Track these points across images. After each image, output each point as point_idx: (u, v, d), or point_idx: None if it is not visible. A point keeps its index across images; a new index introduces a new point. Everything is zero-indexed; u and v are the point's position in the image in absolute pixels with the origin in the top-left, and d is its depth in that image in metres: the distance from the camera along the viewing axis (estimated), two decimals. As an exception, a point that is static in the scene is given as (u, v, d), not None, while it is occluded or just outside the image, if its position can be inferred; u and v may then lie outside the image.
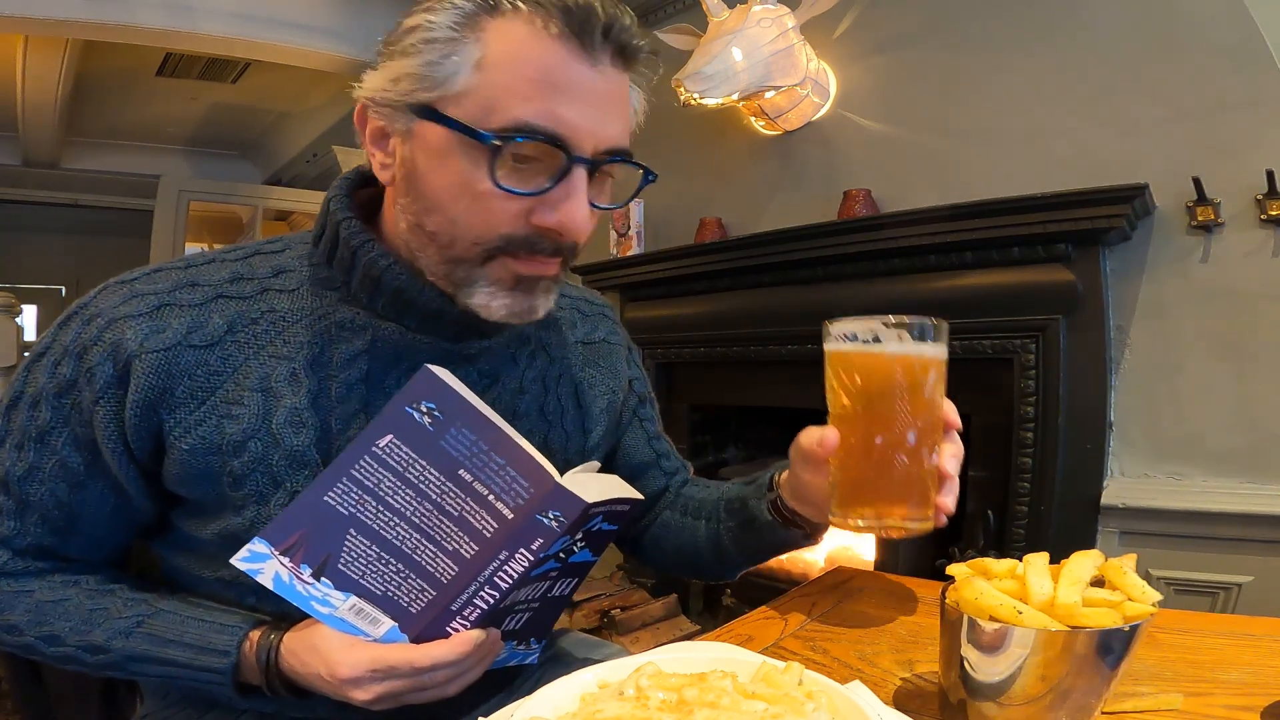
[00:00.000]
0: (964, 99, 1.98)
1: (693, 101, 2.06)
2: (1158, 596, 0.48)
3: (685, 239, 2.56)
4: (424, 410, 0.59)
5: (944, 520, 0.65)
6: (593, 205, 0.63)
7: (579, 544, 0.65)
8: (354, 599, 0.60)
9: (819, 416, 0.70)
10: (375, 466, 0.59)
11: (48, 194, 5.64)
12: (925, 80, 2.06)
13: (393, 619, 0.61)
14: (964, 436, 0.69)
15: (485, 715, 0.51)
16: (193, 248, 5.47)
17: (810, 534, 0.76)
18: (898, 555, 2.11)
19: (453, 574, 0.61)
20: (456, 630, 0.61)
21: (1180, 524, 1.66)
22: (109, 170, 5.63)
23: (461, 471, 0.60)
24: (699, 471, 1.00)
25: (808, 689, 0.45)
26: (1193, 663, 0.60)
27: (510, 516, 0.60)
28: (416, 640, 0.61)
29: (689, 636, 2.29)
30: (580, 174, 0.60)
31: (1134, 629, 0.46)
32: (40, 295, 6.13)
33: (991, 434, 1.90)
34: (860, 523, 0.65)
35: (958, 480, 0.65)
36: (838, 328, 0.66)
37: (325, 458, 0.64)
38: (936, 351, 0.65)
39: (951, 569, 0.54)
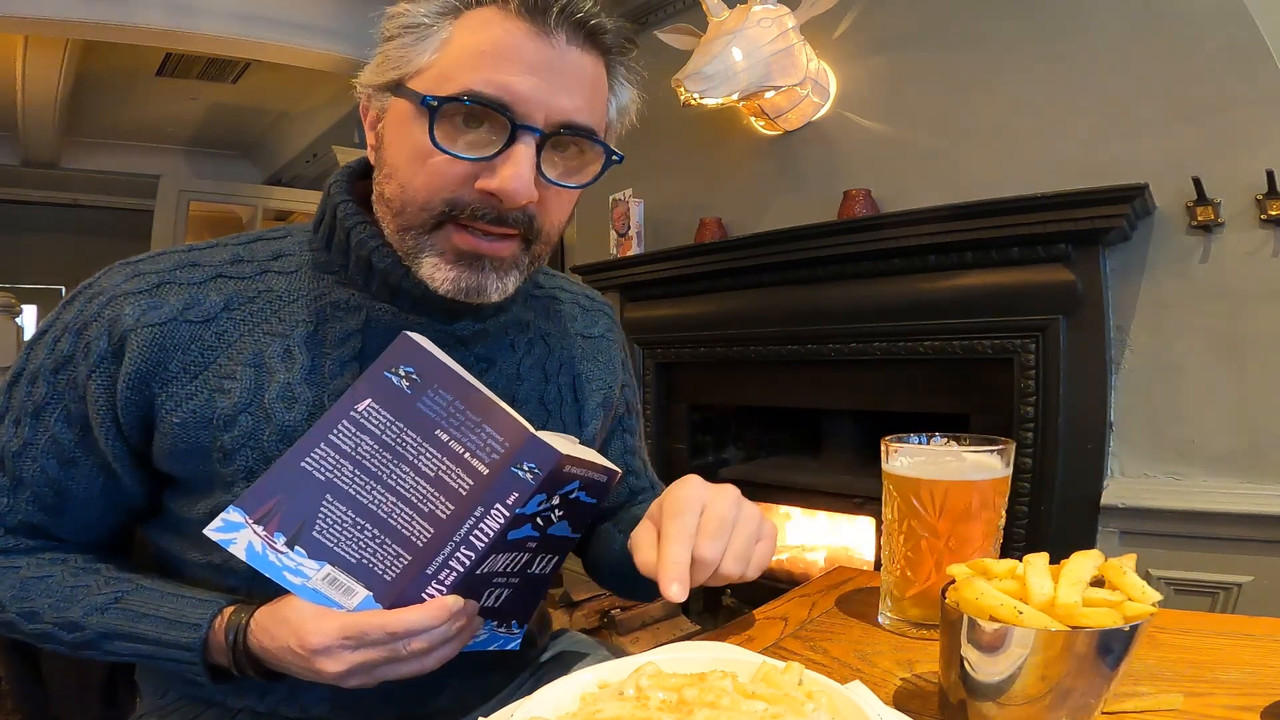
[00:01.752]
0: (964, 99, 1.99)
1: (693, 101, 2.06)
2: (1158, 596, 0.48)
3: (685, 239, 2.56)
4: (402, 374, 0.60)
5: None
6: (549, 180, 0.63)
7: (557, 513, 0.64)
8: (328, 568, 0.59)
9: (818, 416, 0.71)
10: (354, 431, 0.59)
11: (48, 194, 5.64)
12: (925, 80, 2.06)
13: (367, 588, 0.60)
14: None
15: (485, 715, 0.51)
16: (193, 248, 5.44)
17: None
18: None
19: (428, 536, 0.60)
20: (432, 596, 0.60)
21: (1180, 524, 1.66)
22: (109, 170, 5.63)
23: (438, 431, 0.60)
24: (699, 470, 0.99)
25: (808, 689, 0.45)
26: (1193, 663, 0.60)
27: (485, 472, 0.60)
28: (391, 609, 0.59)
29: (689, 636, 2.29)
30: (526, 142, 0.61)
31: (1134, 629, 0.46)
32: (40, 295, 6.13)
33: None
34: (915, 622, 0.68)
35: None
36: (901, 451, 0.69)
37: None
38: (999, 474, 0.67)
39: (951, 569, 0.54)
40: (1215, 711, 0.52)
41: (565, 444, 0.63)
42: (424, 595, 0.60)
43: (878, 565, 2.21)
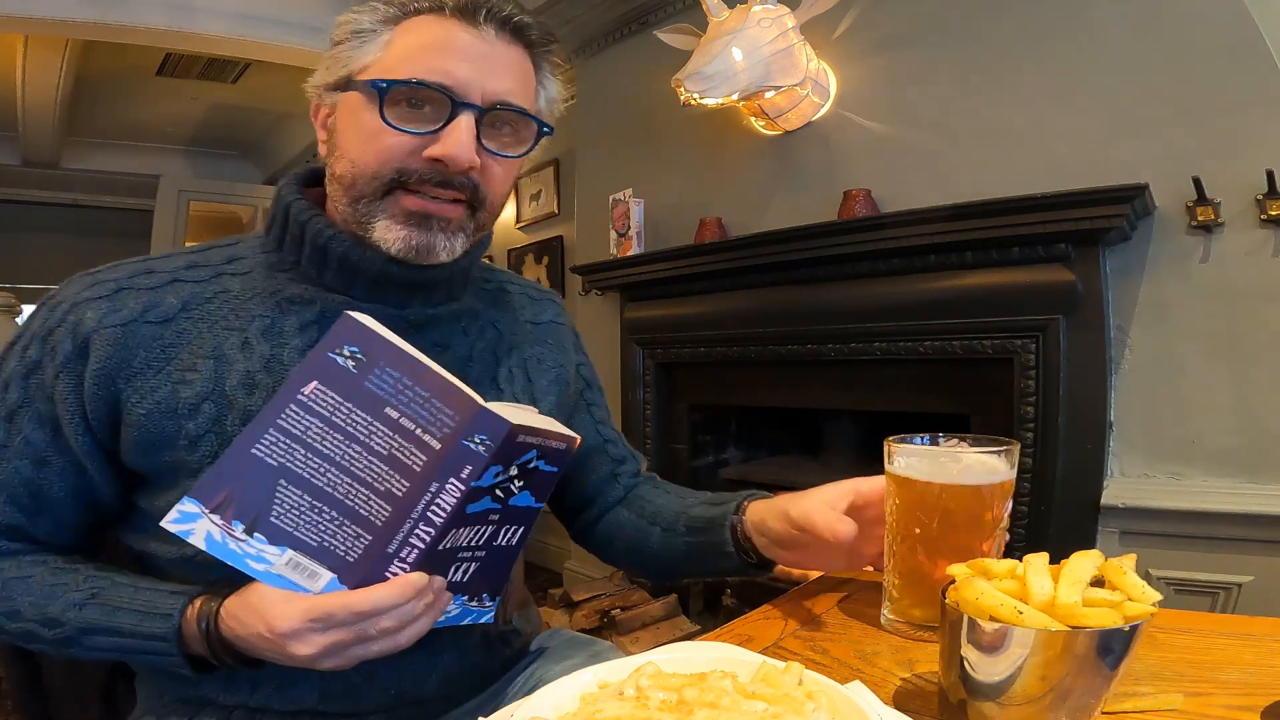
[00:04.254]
0: (964, 99, 1.99)
1: (693, 101, 2.06)
2: (1158, 596, 0.48)
3: (685, 239, 2.56)
4: (347, 354, 0.60)
5: None
6: (489, 151, 0.71)
7: (517, 484, 0.64)
8: (290, 552, 0.59)
9: (818, 416, 0.71)
10: (301, 414, 0.59)
11: (48, 194, 5.64)
12: (925, 80, 2.06)
13: (331, 570, 0.60)
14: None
15: (485, 716, 0.51)
16: (193, 248, 5.45)
17: (760, 566, 0.81)
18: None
19: (386, 515, 0.60)
20: (396, 574, 0.60)
21: (1180, 524, 1.66)
22: (109, 170, 5.63)
23: (388, 409, 0.60)
24: (699, 470, 1.00)
25: (808, 689, 0.45)
26: (1193, 663, 0.60)
27: (438, 447, 0.60)
28: (356, 589, 0.59)
29: (689, 636, 2.29)
30: (466, 116, 0.68)
31: (1134, 629, 0.46)
32: (40, 295, 6.08)
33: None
34: (915, 622, 0.68)
35: None
36: (902, 451, 0.68)
37: None
38: (1003, 476, 0.66)
39: (951, 569, 0.54)
40: (1215, 711, 0.52)
41: (518, 413, 0.63)
42: (387, 574, 0.60)
43: (877, 566, 2.20)
